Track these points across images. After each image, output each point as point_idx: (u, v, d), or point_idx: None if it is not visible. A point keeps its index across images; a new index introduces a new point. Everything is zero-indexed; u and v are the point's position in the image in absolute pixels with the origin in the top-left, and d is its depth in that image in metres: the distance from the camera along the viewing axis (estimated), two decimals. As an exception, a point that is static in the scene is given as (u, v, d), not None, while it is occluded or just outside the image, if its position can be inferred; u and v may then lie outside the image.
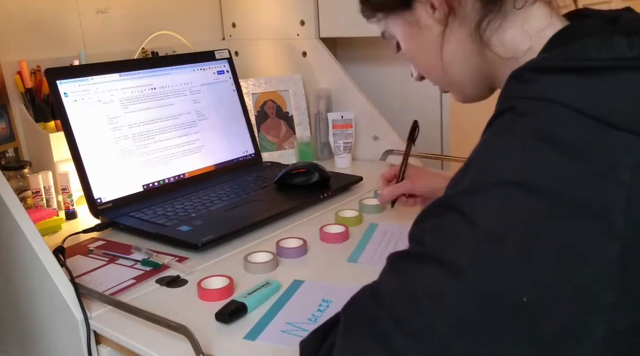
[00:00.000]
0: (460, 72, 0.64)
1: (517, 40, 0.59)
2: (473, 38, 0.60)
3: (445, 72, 0.65)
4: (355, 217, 1.03)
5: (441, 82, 0.69)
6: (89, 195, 1.08)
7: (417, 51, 0.67)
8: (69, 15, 1.33)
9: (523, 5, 0.58)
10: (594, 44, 0.50)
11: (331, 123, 1.41)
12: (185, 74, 1.29)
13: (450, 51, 0.63)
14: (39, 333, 0.85)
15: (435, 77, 0.68)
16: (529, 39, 0.58)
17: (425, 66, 0.68)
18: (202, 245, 0.92)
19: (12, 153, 1.24)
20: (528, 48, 0.58)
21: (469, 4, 0.59)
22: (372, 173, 1.30)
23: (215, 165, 1.29)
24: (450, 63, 0.64)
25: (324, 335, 0.53)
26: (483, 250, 0.45)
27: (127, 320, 0.74)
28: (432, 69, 0.67)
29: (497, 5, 0.58)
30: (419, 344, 0.45)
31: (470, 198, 0.48)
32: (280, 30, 1.54)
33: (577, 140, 0.46)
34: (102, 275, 0.87)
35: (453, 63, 0.64)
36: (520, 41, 0.59)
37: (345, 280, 0.82)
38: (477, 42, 0.60)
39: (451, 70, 0.65)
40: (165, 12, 1.52)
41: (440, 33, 0.62)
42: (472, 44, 0.61)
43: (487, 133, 0.52)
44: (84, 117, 1.10)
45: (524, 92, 0.50)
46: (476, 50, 0.61)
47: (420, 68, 0.70)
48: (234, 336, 0.69)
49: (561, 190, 0.45)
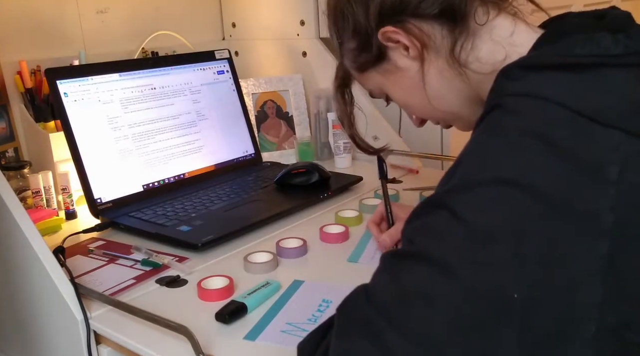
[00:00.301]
0: (449, 101, 0.65)
1: (492, 53, 0.59)
2: (450, 64, 0.61)
3: (433, 107, 0.66)
4: (355, 217, 1.03)
5: (437, 117, 0.69)
6: (89, 195, 1.08)
7: (404, 94, 0.67)
8: (69, 15, 1.33)
9: (487, 20, 0.59)
10: (580, 41, 0.50)
11: (331, 123, 1.41)
12: (185, 73, 1.29)
13: (434, 83, 0.63)
14: (39, 333, 0.85)
15: (429, 114, 0.69)
16: (503, 49, 0.59)
17: (417, 107, 0.69)
18: (202, 245, 0.92)
19: (12, 153, 1.24)
20: (504, 57, 0.59)
21: (438, 35, 0.60)
22: (372, 173, 1.29)
23: (215, 165, 1.29)
24: (436, 95, 0.65)
25: (321, 336, 0.53)
26: (473, 248, 0.46)
27: (127, 320, 0.74)
28: (423, 107, 0.67)
29: (464, 27, 0.59)
30: (412, 343, 0.46)
31: (460, 197, 0.48)
32: (280, 30, 1.54)
33: (565, 138, 0.46)
34: (102, 275, 0.87)
35: (439, 94, 0.64)
36: (495, 53, 0.59)
37: (345, 280, 0.82)
38: (455, 67, 0.61)
39: (439, 102, 0.65)
40: (165, 12, 1.52)
41: (420, 69, 0.63)
42: (451, 70, 0.61)
43: (476, 131, 0.53)
44: (84, 117, 1.10)
45: (512, 89, 0.51)
46: (457, 75, 0.62)
47: (413, 110, 0.71)
48: (234, 336, 0.69)
49: (550, 187, 0.45)
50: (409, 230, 0.52)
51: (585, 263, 0.45)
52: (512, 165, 0.47)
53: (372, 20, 0.62)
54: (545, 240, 0.45)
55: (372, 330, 0.48)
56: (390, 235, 0.88)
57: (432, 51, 0.61)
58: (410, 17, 0.60)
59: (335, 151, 1.41)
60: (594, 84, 0.48)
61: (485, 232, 0.46)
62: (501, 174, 0.47)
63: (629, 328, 0.47)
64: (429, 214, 0.50)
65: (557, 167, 0.46)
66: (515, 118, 0.49)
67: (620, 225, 0.45)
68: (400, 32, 0.61)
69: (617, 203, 0.45)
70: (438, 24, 0.60)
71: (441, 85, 0.63)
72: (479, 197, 0.47)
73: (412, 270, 0.48)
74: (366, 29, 0.63)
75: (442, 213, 0.48)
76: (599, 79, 0.48)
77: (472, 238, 0.46)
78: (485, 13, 0.59)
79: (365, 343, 0.48)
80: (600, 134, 0.46)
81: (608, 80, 0.48)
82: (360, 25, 0.63)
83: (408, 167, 1.33)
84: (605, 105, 0.47)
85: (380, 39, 0.62)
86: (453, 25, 0.59)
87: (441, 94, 0.64)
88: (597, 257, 0.45)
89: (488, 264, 0.45)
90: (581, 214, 0.45)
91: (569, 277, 0.45)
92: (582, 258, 0.45)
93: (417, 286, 0.47)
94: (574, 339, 0.46)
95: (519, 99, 0.49)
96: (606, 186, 0.45)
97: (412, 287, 0.47)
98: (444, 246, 0.47)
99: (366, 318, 0.49)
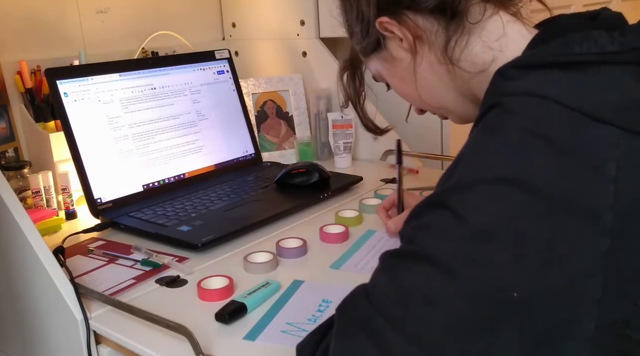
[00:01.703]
0: (438, 95, 0.66)
1: (482, 53, 0.60)
2: (441, 60, 0.61)
3: (422, 98, 0.67)
4: (355, 217, 1.03)
5: (430, 108, 0.70)
6: (89, 195, 1.08)
7: (399, 83, 0.69)
8: (69, 15, 1.33)
9: (481, 19, 0.59)
10: (577, 39, 0.50)
11: (331, 123, 1.41)
12: (185, 73, 1.29)
13: (424, 76, 0.64)
14: (39, 333, 0.85)
15: (422, 105, 0.70)
16: (491, 50, 0.59)
17: (409, 97, 0.70)
18: (202, 245, 0.92)
19: (12, 153, 1.24)
20: (492, 59, 0.59)
21: (433, 29, 0.61)
22: (372, 173, 1.30)
23: (215, 165, 1.29)
24: (426, 88, 0.66)
25: (321, 337, 0.53)
26: (472, 247, 0.46)
27: (127, 320, 0.74)
28: (414, 98, 0.68)
29: (459, 24, 0.59)
30: (412, 343, 0.46)
31: (459, 196, 0.48)
32: (280, 30, 1.54)
33: (563, 136, 0.46)
34: (102, 275, 0.87)
35: (428, 87, 0.65)
36: (485, 53, 0.60)
37: (346, 280, 0.82)
38: (446, 63, 0.61)
39: (428, 95, 0.66)
40: (165, 12, 1.52)
41: (412, 61, 0.64)
42: (441, 66, 0.62)
43: (475, 131, 0.53)
44: (84, 117, 1.10)
45: (510, 88, 0.51)
46: (446, 71, 0.62)
47: (407, 99, 0.72)
48: (234, 336, 0.69)
49: (549, 186, 0.45)
50: (408, 229, 0.52)
51: (585, 262, 0.45)
52: (512, 164, 0.47)
53: (372, 9, 0.63)
54: (545, 239, 0.45)
55: (372, 330, 0.48)
56: (396, 222, 0.89)
57: (425, 45, 0.62)
58: (407, 9, 0.61)
59: (335, 151, 1.41)
60: (593, 81, 0.48)
61: (484, 231, 0.46)
62: (500, 173, 0.47)
63: (628, 326, 0.47)
64: (428, 213, 0.50)
65: (556, 165, 0.46)
66: (514, 117, 0.49)
67: (620, 223, 0.45)
68: (394, 24, 0.61)
69: (617, 200, 0.45)
70: (434, 19, 0.60)
71: (431, 79, 0.64)
72: (478, 196, 0.47)
73: (411, 270, 0.48)
74: (367, 17, 0.64)
75: (441, 213, 0.48)
76: (597, 77, 0.48)
77: (472, 238, 0.46)
78: (481, 12, 0.59)
79: (365, 343, 0.48)
80: (599, 132, 0.46)
81: (606, 77, 0.48)
82: (362, 12, 0.64)
83: (408, 167, 1.33)
84: (604, 103, 0.47)
85: (378, 28, 0.63)
86: (448, 21, 0.59)
87: (430, 87, 0.65)
88: (598, 255, 0.45)
89: (487, 263, 0.45)
90: (581, 212, 0.45)
91: (568, 276, 0.45)
92: (582, 257, 0.45)
93: (416, 286, 0.47)
94: (574, 337, 0.46)
95: (517, 98, 0.49)
96: (606, 184, 0.45)
97: (412, 287, 0.47)
98: (443, 245, 0.47)
99: (366, 318, 0.49)
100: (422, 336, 0.46)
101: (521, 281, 0.45)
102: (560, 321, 0.46)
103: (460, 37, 0.60)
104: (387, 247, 0.91)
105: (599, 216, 0.45)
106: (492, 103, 0.51)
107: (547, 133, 0.46)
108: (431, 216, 0.49)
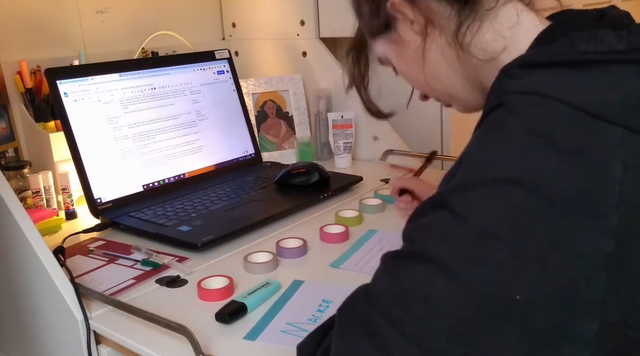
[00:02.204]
0: (446, 81, 0.64)
1: (494, 41, 0.59)
2: (452, 45, 0.60)
3: (428, 83, 0.65)
4: (355, 217, 1.03)
5: (435, 95, 0.69)
6: (89, 195, 1.08)
7: (406, 67, 0.67)
8: (69, 15, 1.33)
9: (495, 5, 0.58)
10: (583, 38, 0.50)
11: (331, 123, 1.41)
12: (185, 74, 1.29)
13: (433, 61, 0.63)
14: (39, 333, 0.84)
15: (427, 90, 0.69)
16: (503, 39, 0.58)
17: (415, 82, 0.68)
18: (202, 245, 0.92)
19: (12, 153, 1.24)
20: (503, 48, 0.58)
21: (446, 13, 0.59)
22: (372, 173, 1.30)
23: (215, 165, 1.29)
24: (434, 74, 0.64)
25: (321, 337, 0.53)
26: (474, 248, 0.45)
27: (127, 320, 0.74)
28: (420, 83, 0.67)
29: (472, 10, 0.58)
30: (413, 343, 0.46)
31: (461, 196, 0.48)
32: (280, 30, 1.54)
33: (568, 136, 0.46)
34: (102, 275, 0.87)
35: (436, 73, 0.64)
36: (496, 41, 0.58)
37: (346, 280, 0.82)
38: (457, 49, 0.60)
39: (435, 81, 0.65)
40: (165, 12, 1.52)
41: (421, 44, 0.62)
42: (451, 51, 0.61)
43: (478, 130, 0.52)
44: (84, 117, 1.10)
45: (514, 87, 0.50)
46: (456, 57, 0.61)
47: (413, 84, 0.70)
48: (234, 336, 0.69)
49: (554, 187, 0.45)
50: (409, 229, 0.51)
51: (588, 263, 0.45)
52: (515, 165, 0.46)
53: None
54: (547, 239, 0.45)
55: (373, 330, 0.48)
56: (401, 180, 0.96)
57: (436, 29, 0.61)
58: None
59: (335, 151, 1.41)
60: (598, 81, 0.48)
61: (486, 231, 0.46)
62: (503, 173, 0.46)
63: (628, 326, 0.47)
64: (429, 214, 0.50)
65: (561, 166, 0.45)
66: (518, 116, 0.48)
67: (625, 224, 0.45)
68: (407, 5, 0.60)
69: (622, 201, 0.45)
70: (447, 2, 0.59)
71: (440, 64, 0.63)
72: (480, 197, 0.47)
73: (412, 270, 0.48)
74: None
75: (442, 213, 0.48)
76: (603, 76, 0.48)
77: (473, 238, 0.46)
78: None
79: (365, 343, 0.47)
80: (604, 132, 0.46)
81: (612, 77, 0.48)
82: None
83: (408, 167, 1.33)
84: (610, 102, 0.46)
85: (389, 9, 0.62)
86: (462, 5, 0.58)
87: (438, 73, 0.64)
88: (601, 256, 0.45)
89: (489, 264, 0.45)
90: (586, 213, 0.45)
91: (570, 277, 0.45)
92: (585, 258, 0.45)
93: (417, 286, 0.47)
94: (576, 337, 0.46)
95: (521, 97, 0.49)
96: (611, 184, 0.45)
97: (411, 287, 0.47)
98: (444, 246, 0.47)
99: (367, 319, 0.49)
100: (423, 336, 0.46)
101: (522, 282, 0.44)
102: (561, 322, 0.45)
103: (473, 23, 0.58)
104: (387, 247, 0.92)
105: (603, 217, 0.45)
106: (496, 103, 0.50)
107: (551, 134, 0.46)
108: (432, 216, 0.49)
